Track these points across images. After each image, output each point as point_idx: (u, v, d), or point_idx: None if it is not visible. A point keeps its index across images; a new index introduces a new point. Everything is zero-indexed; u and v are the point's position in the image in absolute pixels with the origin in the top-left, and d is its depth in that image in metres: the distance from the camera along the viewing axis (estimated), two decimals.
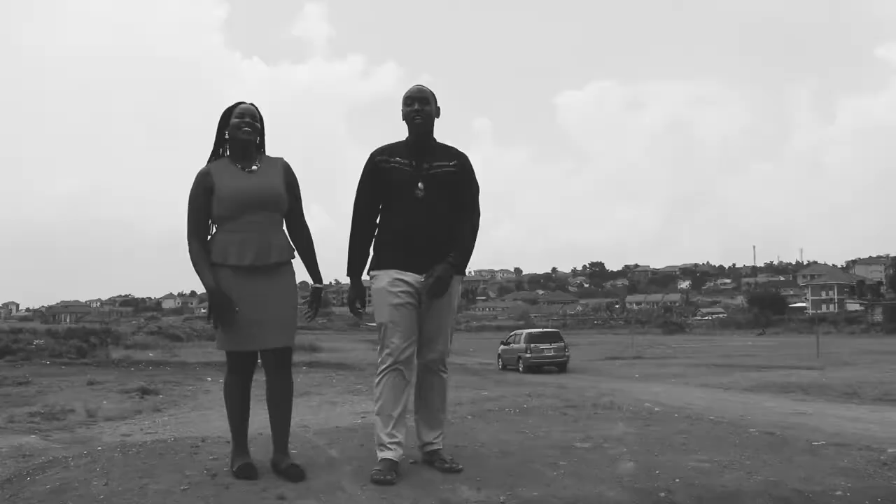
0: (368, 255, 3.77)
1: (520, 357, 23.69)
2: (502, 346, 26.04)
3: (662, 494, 3.29)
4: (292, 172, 3.73)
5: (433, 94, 3.79)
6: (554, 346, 23.51)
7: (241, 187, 3.52)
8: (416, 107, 3.69)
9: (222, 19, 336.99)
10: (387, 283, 3.63)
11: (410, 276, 3.62)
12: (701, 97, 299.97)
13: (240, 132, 3.58)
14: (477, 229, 3.77)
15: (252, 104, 3.68)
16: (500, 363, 25.53)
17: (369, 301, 3.85)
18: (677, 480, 3.45)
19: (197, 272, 3.53)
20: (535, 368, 22.91)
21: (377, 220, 3.79)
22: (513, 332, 27.56)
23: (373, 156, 3.76)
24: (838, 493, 3.34)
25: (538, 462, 3.78)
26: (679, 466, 3.72)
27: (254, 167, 3.61)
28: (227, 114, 3.64)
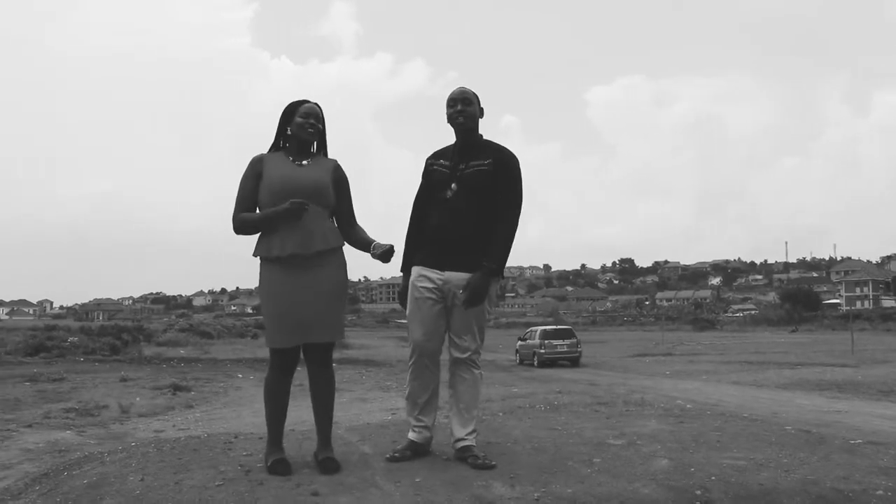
0: (417, 253, 3.88)
1: (535, 352, 24.98)
2: (519, 342, 27.37)
3: (698, 492, 3.25)
4: (342, 172, 3.77)
5: (476, 95, 3.86)
6: (567, 342, 24.90)
7: (287, 176, 3.58)
8: (459, 107, 3.78)
9: (250, 19, 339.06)
10: (414, 278, 3.80)
11: (434, 273, 3.73)
12: (729, 92, 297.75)
13: (303, 131, 3.65)
14: (513, 228, 3.75)
15: (317, 104, 3.73)
16: (518, 358, 26.77)
17: None
18: (713, 478, 3.41)
19: (254, 225, 3.57)
20: (548, 363, 24.21)
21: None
22: (529, 329, 28.73)
23: (426, 160, 3.93)
24: (879, 492, 3.28)
25: (572, 459, 3.76)
26: (714, 464, 3.68)
27: (305, 162, 3.67)
28: (291, 110, 3.69)
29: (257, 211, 3.63)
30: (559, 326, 28.33)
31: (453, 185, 3.72)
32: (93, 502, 3.20)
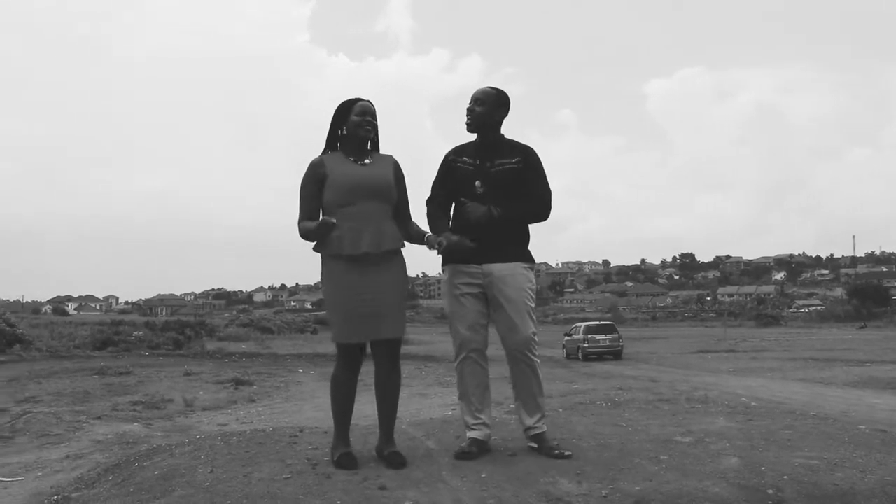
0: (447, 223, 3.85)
1: (579, 346, 26.73)
2: (566, 338, 28.97)
3: (770, 491, 3.18)
4: (401, 170, 3.80)
5: (495, 95, 3.85)
6: (609, 336, 26.60)
7: (354, 175, 3.59)
8: (469, 105, 3.85)
9: (307, 17, 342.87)
10: (450, 275, 3.80)
11: (472, 268, 3.74)
12: (792, 82, 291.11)
13: (361, 130, 3.65)
14: (532, 214, 3.83)
15: (369, 101, 3.73)
16: (565, 352, 28.27)
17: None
18: (785, 477, 3.33)
19: (310, 236, 3.58)
20: (592, 356, 25.91)
21: (450, 215, 3.91)
22: (574, 325, 30.40)
23: (446, 155, 3.93)
24: None
25: (638, 456, 3.70)
26: (786, 463, 3.58)
27: (366, 160, 3.68)
28: (345, 109, 3.68)
29: (321, 213, 3.64)
30: (602, 322, 30.42)
31: (477, 183, 3.75)
32: (164, 493, 3.26)
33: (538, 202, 3.81)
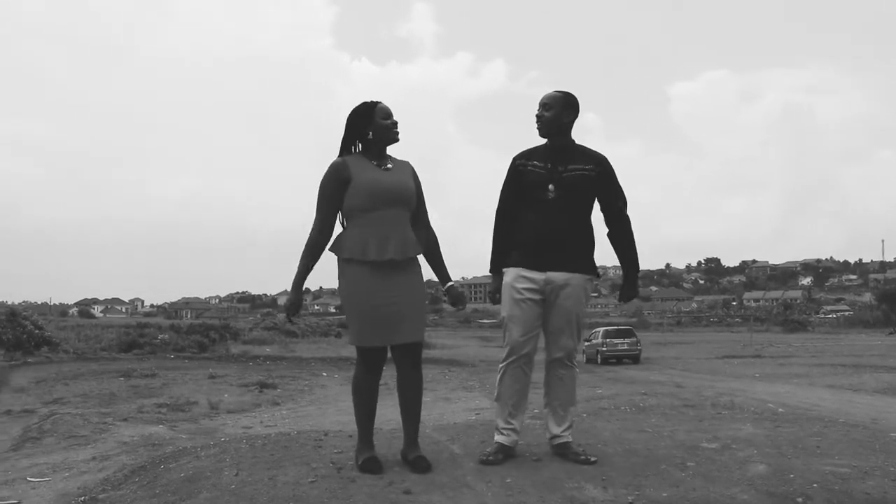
0: (507, 255, 3.87)
1: (598, 350, 27.46)
2: (585, 342, 28.81)
3: (799, 500, 3.13)
4: (417, 176, 3.79)
5: (565, 99, 3.83)
6: (627, 340, 27.22)
7: (379, 181, 3.57)
8: (538, 112, 3.82)
9: (331, 22, 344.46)
10: (512, 279, 3.77)
11: (535, 274, 3.72)
12: (817, 84, 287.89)
13: (390, 133, 3.64)
14: (629, 233, 3.90)
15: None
16: (584, 356, 28.29)
17: None
18: (814, 485, 3.28)
19: (301, 261, 3.58)
20: (610, 360, 26.69)
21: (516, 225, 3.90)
22: (593, 330, 30.69)
23: (514, 160, 3.89)
24: None
25: (665, 462, 3.67)
26: (815, 471, 3.53)
27: (388, 165, 3.66)
28: (366, 112, 3.64)
29: (339, 216, 3.63)
30: (620, 326, 30.84)
31: (550, 187, 3.72)
32: (190, 495, 3.28)
33: (622, 218, 3.87)
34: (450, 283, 3.83)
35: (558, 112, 3.79)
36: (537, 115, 3.82)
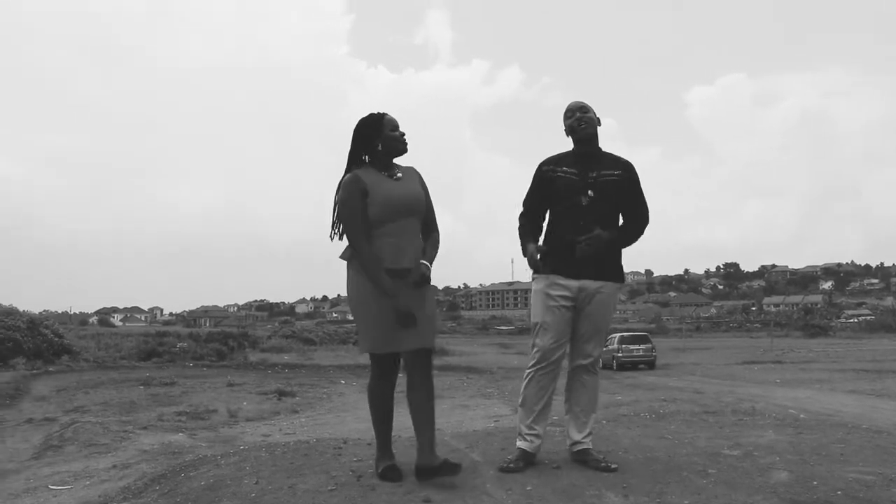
0: (538, 237, 3.89)
1: (613, 356, 27.28)
2: None
3: None
4: (424, 181, 3.79)
5: (591, 107, 3.88)
6: (642, 346, 27.64)
7: (393, 192, 3.58)
8: (578, 115, 3.82)
9: (348, 30, 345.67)
10: (545, 285, 3.77)
11: (570, 282, 3.73)
12: (836, 88, 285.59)
13: (399, 144, 3.65)
14: (638, 235, 3.89)
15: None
16: (600, 362, 27.47)
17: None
18: (838, 493, 3.24)
19: (373, 277, 3.49)
20: (626, 366, 26.81)
21: (543, 227, 3.92)
22: (609, 336, 29.65)
23: (540, 166, 3.90)
24: None
25: (686, 469, 3.64)
26: (839, 478, 3.49)
27: (398, 175, 3.67)
28: (375, 124, 3.63)
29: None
30: (636, 333, 31.29)
31: (590, 192, 3.72)
32: None
33: (641, 221, 3.88)
34: (422, 261, 3.63)
35: (594, 116, 3.83)
36: (577, 119, 3.79)
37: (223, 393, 15.37)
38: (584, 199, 3.72)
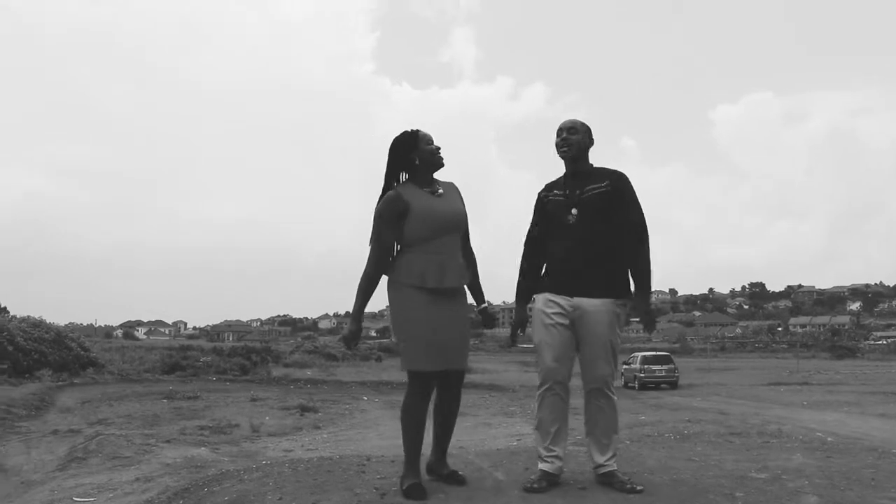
0: (533, 285, 3.87)
1: (635, 376, 28.11)
2: (624, 366, 29.42)
3: None
4: (461, 195, 3.80)
5: (585, 125, 3.86)
6: (665, 367, 28.01)
7: (436, 209, 3.58)
8: (564, 136, 3.80)
9: (373, 48, 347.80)
10: (541, 304, 3.76)
11: (563, 299, 3.69)
12: (864, 105, 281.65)
13: (436, 158, 3.66)
14: (639, 248, 3.75)
15: None
16: (623, 381, 28.90)
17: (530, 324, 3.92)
18: None
19: (358, 300, 3.57)
20: (648, 386, 27.29)
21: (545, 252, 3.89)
22: (632, 355, 31.29)
23: (538, 194, 3.93)
24: None
25: (712, 492, 3.58)
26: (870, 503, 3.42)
27: (440, 191, 3.67)
28: (409, 140, 3.64)
29: (396, 247, 3.62)
30: (658, 353, 31.14)
31: (574, 211, 3.70)
32: None
33: (635, 229, 3.74)
34: (484, 305, 3.88)
35: (583, 137, 3.81)
36: (563, 139, 3.78)
37: (246, 407, 15.42)
38: (570, 219, 3.70)
